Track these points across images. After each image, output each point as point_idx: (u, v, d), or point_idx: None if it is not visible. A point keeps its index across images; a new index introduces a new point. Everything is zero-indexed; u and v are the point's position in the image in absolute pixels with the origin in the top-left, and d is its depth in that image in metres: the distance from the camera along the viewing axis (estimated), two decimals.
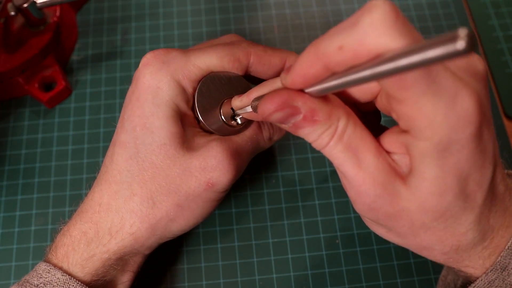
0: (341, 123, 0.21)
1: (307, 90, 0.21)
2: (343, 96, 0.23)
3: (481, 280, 0.24)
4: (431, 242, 0.23)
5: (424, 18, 0.43)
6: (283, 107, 0.21)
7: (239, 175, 0.28)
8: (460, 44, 0.12)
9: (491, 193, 0.22)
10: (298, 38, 0.42)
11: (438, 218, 0.22)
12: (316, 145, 0.22)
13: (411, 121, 0.19)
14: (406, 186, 0.21)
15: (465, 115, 0.18)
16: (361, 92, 0.22)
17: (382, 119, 0.26)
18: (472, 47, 0.12)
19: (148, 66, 0.27)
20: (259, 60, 0.28)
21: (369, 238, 0.35)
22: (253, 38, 0.42)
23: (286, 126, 0.22)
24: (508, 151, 0.37)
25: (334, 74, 0.19)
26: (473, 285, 0.24)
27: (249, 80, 0.30)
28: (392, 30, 0.16)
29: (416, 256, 0.34)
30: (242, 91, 0.27)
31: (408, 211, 0.21)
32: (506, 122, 0.39)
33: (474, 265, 0.24)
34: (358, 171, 0.21)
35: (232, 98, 0.28)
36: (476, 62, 0.21)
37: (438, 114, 0.18)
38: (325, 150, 0.22)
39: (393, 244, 0.34)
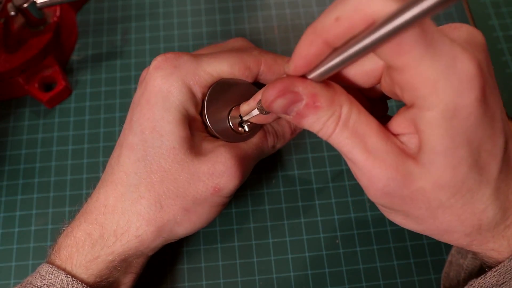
0: (345, 109, 0.21)
1: (309, 76, 0.21)
2: (348, 83, 0.23)
3: (503, 265, 0.23)
4: (451, 223, 0.22)
5: None
6: (284, 92, 0.21)
7: (244, 180, 0.29)
8: None
9: (506, 166, 0.21)
10: (298, 38, 0.42)
11: (455, 194, 0.21)
12: (322, 134, 0.21)
13: (415, 90, 0.19)
14: (418, 165, 0.21)
15: (467, 78, 0.18)
16: (365, 76, 0.22)
17: (390, 111, 0.26)
18: None
19: (159, 70, 0.27)
20: (269, 69, 0.29)
21: (369, 238, 0.35)
22: (253, 38, 0.42)
23: (290, 117, 0.22)
24: None
25: (334, 52, 0.19)
26: (494, 269, 0.23)
27: (259, 88, 0.30)
28: None
29: (416, 256, 0.34)
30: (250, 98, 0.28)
31: (424, 191, 0.21)
32: None
33: (498, 247, 0.23)
34: (368, 156, 0.21)
35: (240, 105, 0.28)
36: (475, 33, 0.21)
37: (440, 77, 0.18)
38: (332, 139, 0.21)
39: (393, 244, 0.35)
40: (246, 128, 0.29)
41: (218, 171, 0.27)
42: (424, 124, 0.20)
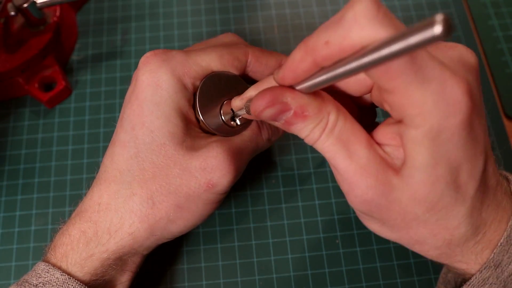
0: (332, 117, 0.22)
1: (297, 87, 0.22)
2: (339, 91, 0.24)
3: (476, 277, 0.24)
4: (423, 235, 0.23)
5: (424, 18, 0.43)
6: (273, 103, 0.21)
7: (239, 176, 0.28)
8: (437, 29, 0.13)
9: (483, 186, 0.22)
10: (298, 38, 0.42)
11: (430, 209, 0.22)
12: (308, 140, 0.22)
13: (402, 110, 0.20)
14: (398, 176, 0.21)
15: (454, 102, 0.19)
16: (356, 86, 0.23)
17: (380, 117, 0.26)
18: (449, 31, 0.12)
19: (147, 64, 0.27)
20: (256, 60, 0.29)
21: (369, 238, 0.35)
22: (253, 38, 0.42)
23: (278, 124, 0.22)
24: (508, 151, 0.37)
25: (322, 69, 0.19)
26: (467, 283, 0.24)
27: (247, 82, 0.30)
28: (374, 22, 0.17)
29: (416, 256, 0.34)
30: (242, 91, 0.28)
31: (401, 202, 0.22)
32: (506, 122, 0.39)
33: (466, 260, 0.24)
34: (350, 163, 0.21)
35: (232, 98, 0.28)
36: (468, 54, 0.22)
37: (427, 101, 0.19)
38: (316, 144, 0.22)
39: (393, 244, 0.35)
40: (239, 122, 0.28)
41: (210, 166, 0.26)
42: (408, 140, 0.20)
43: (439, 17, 0.12)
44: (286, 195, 0.36)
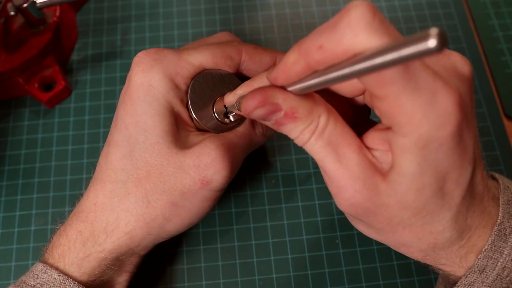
0: (322, 120, 0.22)
1: (289, 88, 0.22)
2: (332, 91, 0.24)
3: (461, 282, 0.24)
4: (408, 239, 0.23)
5: (424, 18, 0.43)
6: (264, 104, 0.21)
7: (235, 172, 0.28)
8: (432, 42, 0.13)
9: (470, 193, 0.22)
10: (298, 38, 0.42)
11: (416, 214, 0.22)
12: (298, 141, 0.22)
13: (392, 117, 0.20)
14: (386, 181, 0.21)
15: (444, 114, 0.19)
16: (349, 88, 0.23)
17: (374, 115, 0.26)
18: (443, 45, 0.12)
19: (139, 64, 0.27)
20: (250, 57, 0.29)
21: (369, 238, 0.35)
22: (253, 38, 0.42)
23: (269, 123, 0.23)
24: (508, 151, 0.37)
25: (315, 72, 0.19)
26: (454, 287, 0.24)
27: (241, 80, 0.30)
28: (368, 30, 0.17)
29: None
30: (234, 88, 0.28)
31: (387, 207, 0.22)
32: (506, 122, 0.39)
33: (451, 263, 0.24)
34: (338, 166, 0.22)
35: (224, 95, 0.28)
36: (462, 63, 0.22)
37: (417, 111, 0.19)
38: (306, 146, 0.22)
39: None
40: (232, 118, 0.28)
41: (204, 163, 0.26)
42: (396, 147, 0.20)
43: (433, 30, 0.13)
44: (286, 195, 0.36)
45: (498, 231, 0.23)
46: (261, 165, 0.37)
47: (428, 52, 0.13)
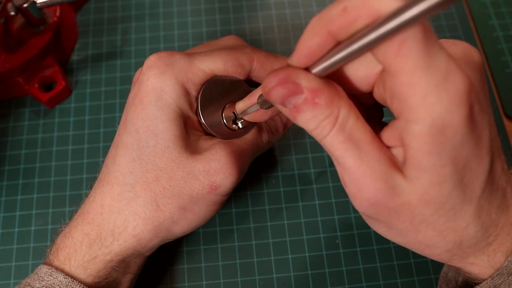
0: (343, 112, 0.20)
1: (313, 71, 0.20)
2: (342, 88, 0.23)
3: (487, 283, 0.23)
4: (433, 238, 0.22)
5: None
6: (285, 81, 0.20)
7: (241, 178, 0.28)
8: None
9: (490, 185, 0.22)
10: (298, 38, 0.42)
11: (438, 210, 0.21)
12: (316, 133, 0.21)
13: (405, 99, 0.19)
14: (406, 179, 0.21)
15: (457, 95, 0.18)
16: (358, 82, 0.22)
17: (387, 116, 0.26)
18: None
19: (152, 69, 0.27)
20: (261, 66, 0.29)
21: (369, 238, 0.35)
22: (253, 38, 0.42)
23: (286, 110, 0.21)
24: (508, 151, 0.37)
25: (338, 46, 0.19)
26: (477, 287, 0.24)
27: (251, 86, 0.30)
28: None
29: (416, 256, 0.34)
30: (244, 95, 0.28)
31: (409, 205, 0.21)
32: (506, 122, 0.39)
33: (479, 262, 0.23)
34: (360, 163, 0.20)
35: (234, 102, 0.28)
36: (472, 52, 0.21)
37: (431, 91, 0.18)
38: (326, 140, 0.21)
39: (393, 244, 0.34)
40: (240, 125, 0.29)
41: (214, 169, 0.26)
42: (410, 138, 0.19)
43: None
44: (286, 195, 0.36)
45: None
46: (261, 165, 0.37)
47: (446, 3, 0.14)
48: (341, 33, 0.19)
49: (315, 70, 0.20)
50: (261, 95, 0.25)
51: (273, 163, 0.37)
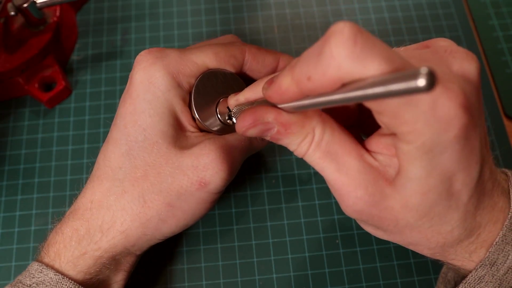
0: (317, 132, 0.22)
1: (282, 106, 0.22)
2: None
3: (471, 275, 0.24)
4: (417, 239, 0.23)
5: (424, 18, 0.43)
6: (255, 124, 0.22)
7: (233, 175, 0.28)
8: (421, 82, 0.13)
9: (478, 191, 0.22)
10: (298, 38, 0.42)
11: (422, 217, 0.22)
12: (297, 153, 0.23)
13: (394, 127, 0.20)
14: (390, 185, 0.21)
15: (447, 118, 0.19)
16: None
17: None
18: (432, 85, 0.12)
19: (141, 62, 0.27)
20: (253, 57, 0.29)
21: (369, 238, 0.35)
22: (253, 38, 0.42)
23: (267, 138, 0.23)
24: (508, 151, 0.37)
25: (309, 97, 0.20)
26: (463, 281, 0.24)
27: (245, 81, 0.30)
28: (351, 59, 0.17)
29: (416, 256, 0.34)
30: (238, 89, 0.28)
31: (392, 210, 0.22)
32: (506, 122, 0.39)
33: (460, 258, 0.24)
34: (339, 175, 0.22)
35: (228, 97, 0.28)
36: (468, 61, 0.21)
37: (418, 120, 0.18)
38: (306, 158, 0.23)
39: (393, 244, 0.35)
40: (235, 120, 0.28)
41: (202, 164, 0.26)
42: (401, 152, 0.20)
43: (424, 70, 0.13)
44: (286, 195, 0.36)
45: (509, 224, 0.23)
46: (261, 165, 0.37)
47: (417, 91, 0.13)
48: (311, 94, 0.19)
49: (285, 106, 0.22)
50: (236, 106, 0.26)
51: (273, 163, 0.37)
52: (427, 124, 0.19)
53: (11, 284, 0.26)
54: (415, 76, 0.13)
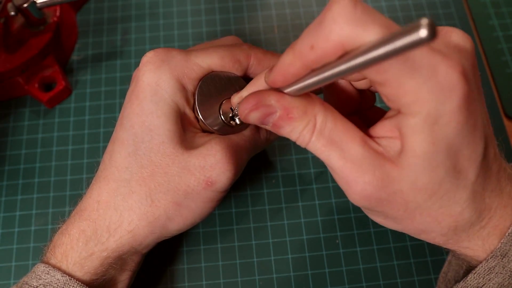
0: (319, 118, 0.22)
1: (287, 90, 0.22)
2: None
3: (482, 266, 0.24)
4: (428, 224, 0.23)
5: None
6: (257, 106, 0.22)
7: (238, 174, 0.28)
8: (423, 32, 0.13)
9: (484, 171, 0.22)
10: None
11: (432, 196, 0.22)
12: (300, 142, 0.23)
13: (398, 99, 0.20)
14: (397, 167, 0.21)
15: (448, 86, 0.19)
16: (352, 75, 0.23)
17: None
18: (433, 34, 0.13)
19: (148, 64, 0.27)
20: (258, 62, 0.29)
21: (369, 238, 0.35)
22: (253, 38, 0.42)
23: (268, 127, 0.23)
24: (508, 151, 0.37)
25: (312, 71, 0.20)
26: (473, 271, 0.24)
27: (248, 82, 0.30)
28: (352, 22, 0.18)
29: (416, 256, 0.34)
30: None
31: (401, 193, 0.22)
32: (506, 122, 0.39)
33: (473, 246, 0.24)
34: (344, 162, 0.22)
35: (231, 97, 0.28)
36: (463, 39, 0.22)
37: (422, 88, 0.19)
38: (309, 147, 0.22)
39: (393, 244, 0.35)
40: (238, 121, 0.28)
41: (209, 164, 0.26)
42: (407, 129, 0.20)
43: (424, 21, 0.13)
44: (286, 195, 0.36)
45: None
46: (261, 165, 0.37)
47: (420, 42, 0.13)
48: (314, 65, 0.19)
49: (288, 89, 0.22)
50: (238, 104, 0.25)
51: (273, 163, 0.37)
52: (430, 92, 0.19)
53: (17, 285, 0.26)
54: (417, 27, 0.13)
